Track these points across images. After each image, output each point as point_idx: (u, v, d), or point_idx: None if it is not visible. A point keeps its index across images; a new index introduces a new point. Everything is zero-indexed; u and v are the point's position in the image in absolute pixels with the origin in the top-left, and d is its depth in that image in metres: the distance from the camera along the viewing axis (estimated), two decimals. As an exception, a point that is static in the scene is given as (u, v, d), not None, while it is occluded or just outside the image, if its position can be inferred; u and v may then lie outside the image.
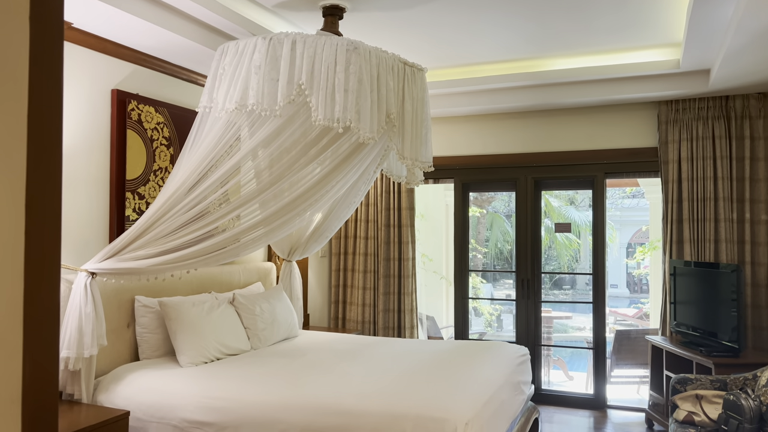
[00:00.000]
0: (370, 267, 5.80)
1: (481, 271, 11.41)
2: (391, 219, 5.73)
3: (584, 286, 15.94)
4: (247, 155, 3.45)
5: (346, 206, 4.51)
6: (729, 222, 4.69)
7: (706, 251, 4.74)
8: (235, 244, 3.51)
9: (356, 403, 2.81)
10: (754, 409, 3.02)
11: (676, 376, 3.65)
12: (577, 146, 5.27)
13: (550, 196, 12.65)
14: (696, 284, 4.46)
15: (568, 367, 7.18)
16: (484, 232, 12.59)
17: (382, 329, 5.69)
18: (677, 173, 4.86)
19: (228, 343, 3.69)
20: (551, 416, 4.99)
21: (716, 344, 4.14)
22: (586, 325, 10.73)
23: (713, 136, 4.75)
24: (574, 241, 12.75)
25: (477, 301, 9.56)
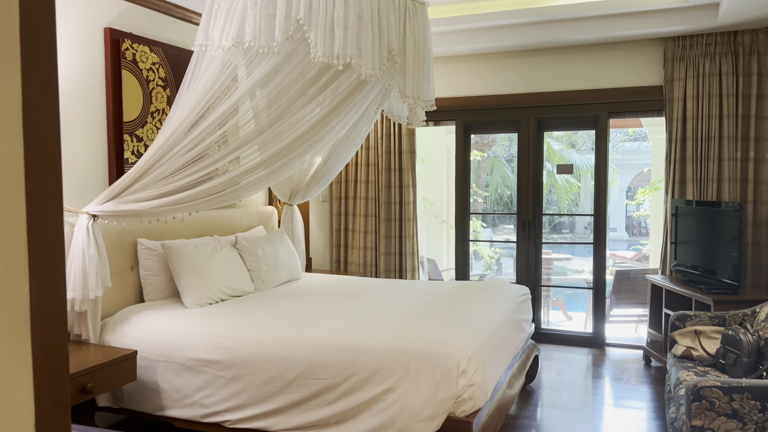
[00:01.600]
0: (371, 211, 5.79)
1: (482, 214, 11.43)
2: (391, 162, 5.69)
3: (583, 230, 16.02)
4: (245, 95, 3.39)
5: (346, 148, 4.46)
6: (733, 161, 4.65)
7: (708, 191, 4.72)
8: (235, 186, 3.49)
9: (361, 339, 2.85)
10: (753, 344, 3.06)
11: (675, 313, 3.69)
12: (580, 85, 5.18)
13: (551, 139, 12.54)
14: (697, 223, 4.46)
15: (567, 308, 7.29)
16: (485, 176, 12.55)
17: (384, 272, 5.73)
18: (682, 112, 4.79)
19: (232, 284, 3.71)
20: (550, 354, 5.09)
21: (716, 282, 4.17)
22: (585, 268, 10.85)
23: (720, 73, 4.65)
24: (574, 184, 12.72)
25: (477, 245, 9.62)
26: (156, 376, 3.06)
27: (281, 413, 2.86)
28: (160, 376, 3.05)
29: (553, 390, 4.22)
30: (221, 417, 2.96)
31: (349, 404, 2.75)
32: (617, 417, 3.76)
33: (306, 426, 2.83)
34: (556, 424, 3.64)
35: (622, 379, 4.46)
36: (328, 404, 2.79)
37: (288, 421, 2.85)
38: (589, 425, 3.63)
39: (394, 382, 2.68)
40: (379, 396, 2.70)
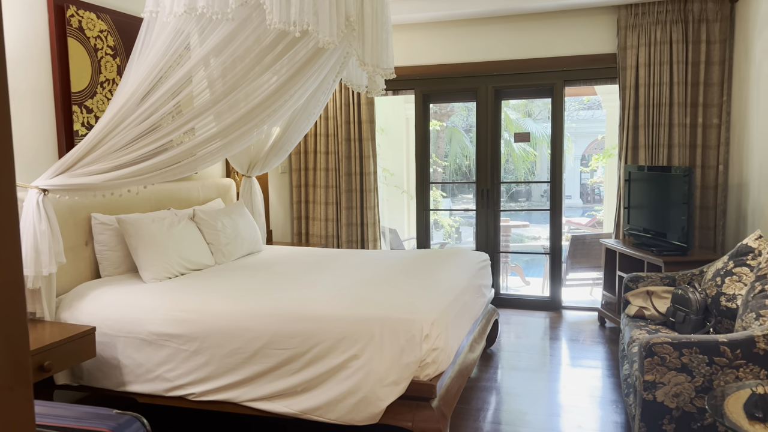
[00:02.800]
0: (331, 182, 5.76)
1: (441, 183, 11.51)
2: (351, 133, 5.65)
3: (539, 198, 16.34)
4: (199, 64, 3.29)
5: (305, 118, 4.41)
6: (682, 127, 4.79)
7: (659, 156, 4.87)
8: (191, 158, 3.41)
9: (325, 308, 2.86)
10: (700, 301, 3.21)
11: (628, 275, 3.82)
12: (537, 54, 5.22)
13: (508, 108, 12.66)
14: (649, 188, 4.60)
15: (525, 273, 7.46)
16: (444, 146, 12.61)
17: (346, 243, 5.74)
18: (635, 79, 4.89)
19: (191, 258, 3.66)
20: (509, 318, 5.22)
21: (666, 244, 4.33)
22: (542, 234, 11.09)
23: (671, 40, 4.76)
24: (531, 153, 12.91)
25: (437, 214, 9.71)
26: (116, 352, 3.01)
27: (246, 384, 2.86)
28: (120, 351, 3.00)
29: (512, 352, 4.34)
30: (185, 390, 2.94)
31: (314, 372, 2.76)
32: (574, 376, 3.90)
33: (272, 396, 2.84)
34: (516, 385, 3.75)
35: (578, 340, 4.62)
36: (293, 373, 2.80)
37: (253, 391, 2.86)
38: (546, 385, 3.76)
39: (359, 349, 2.71)
40: (345, 363, 2.73)
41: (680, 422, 2.48)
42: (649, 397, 2.52)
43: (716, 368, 2.42)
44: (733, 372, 2.40)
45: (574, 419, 3.27)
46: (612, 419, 3.26)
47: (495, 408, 3.45)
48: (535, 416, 3.31)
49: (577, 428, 3.16)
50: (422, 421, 2.67)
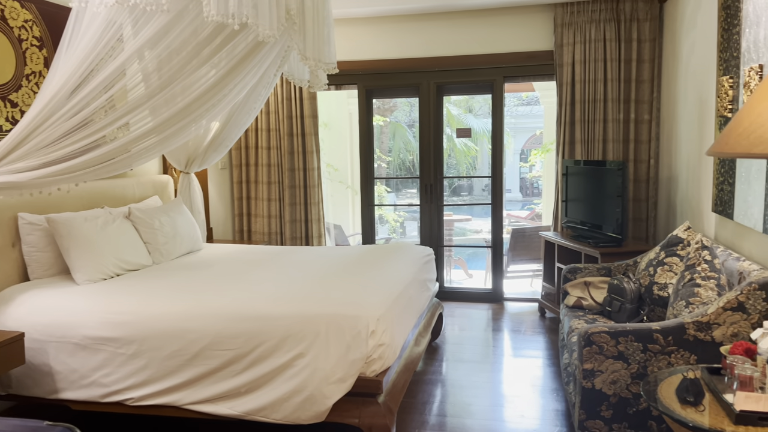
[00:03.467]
0: (274, 178, 5.67)
1: (385, 178, 11.54)
2: (294, 128, 5.58)
3: (481, 192, 16.64)
4: (132, 57, 3.16)
5: (245, 113, 4.32)
6: (616, 122, 4.97)
7: (595, 151, 5.03)
8: (125, 154, 3.29)
9: (269, 307, 2.81)
10: (635, 291, 3.34)
11: (567, 267, 3.94)
12: (477, 50, 5.29)
13: (449, 104, 12.80)
14: (585, 182, 4.75)
15: (468, 266, 7.59)
16: (387, 141, 12.64)
17: (290, 239, 5.67)
18: (571, 76, 5.03)
19: (127, 258, 3.52)
20: (453, 311, 5.29)
21: (602, 236, 4.48)
22: (483, 228, 11.30)
23: (604, 38, 4.91)
24: (472, 148, 13.11)
25: (382, 209, 9.73)
26: (48, 358, 2.87)
27: (187, 387, 2.79)
28: (52, 357, 2.86)
29: (456, 345, 4.41)
30: (123, 395, 2.83)
31: (258, 372, 2.72)
32: (516, 366, 3.99)
33: (214, 398, 2.77)
34: (461, 377, 3.81)
35: (519, 331, 4.73)
36: (237, 374, 2.74)
37: (195, 394, 2.79)
38: (490, 376, 3.83)
39: (304, 348, 2.68)
40: (290, 362, 2.69)
41: (617, 408, 2.57)
42: (588, 385, 2.60)
43: (650, 355, 2.52)
44: (665, 358, 2.51)
45: (517, 408, 3.34)
46: (553, 407, 3.35)
47: (440, 400, 3.49)
48: (479, 407, 3.37)
49: (520, 417, 3.24)
50: (369, 417, 2.67)
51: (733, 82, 3.04)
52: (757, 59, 2.72)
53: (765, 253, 2.74)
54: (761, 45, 2.67)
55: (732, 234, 3.20)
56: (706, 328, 2.47)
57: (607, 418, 2.59)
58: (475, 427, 3.12)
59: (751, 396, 1.71)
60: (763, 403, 1.70)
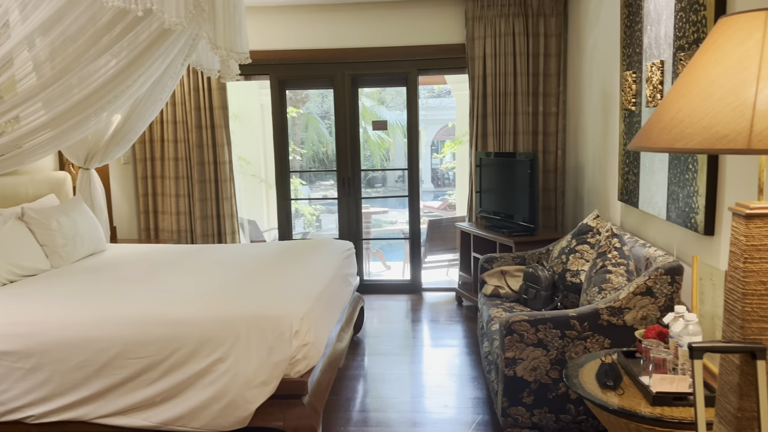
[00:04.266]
0: (182, 173, 5.41)
1: (300, 172, 11.37)
2: (202, 120, 5.34)
3: (394, 184, 16.80)
4: (21, 44, 2.89)
5: (150, 105, 4.08)
6: (526, 115, 5.13)
7: (506, 143, 5.17)
8: (16, 150, 3.02)
9: (183, 311, 2.67)
10: (549, 278, 3.45)
11: (483, 256, 4.02)
12: (391, 42, 5.28)
13: (363, 96, 12.79)
14: (498, 173, 4.88)
15: (386, 258, 7.62)
16: (300, 133, 12.45)
17: (201, 237, 5.44)
18: (483, 69, 5.13)
19: (21, 263, 3.23)
20: (372, 303, 5.28)
21: (515, 225, 4.62)
22: (399, 219, 11.40)
23: (513, 33, 5.04)
24: (386, 140, 13.19)
25: (297, 203, 9.58)
26: (-70, 379, 2.57)
27: (96, 400, 2.60)
28: (-65, 378, 2.57)
29: (377, 338, 4.40)
30: (22, 413, 2.60)
31: (175, 380, 2.57)
32: (436, 356, 4.04)
33: (127, 409, 2.60)
34: (383, 370, 3.80)
35: (438, 321, 4.79)
36: (151, 383, 2.59)
37: (105, 407, 2.60)
38: (411, 367, 3.85)
39: (224, 352, 2.56)
40: (209, 368, 2.57)
41: (538, 393, 2.65)
42: (510, 373, 2.66)
43: (568, 341, 2.61)
44: (582, 343, 2.61)
45: (439, 399, 3.38)
46: (474, 395, 3.41)
47: (363, 396, 3.47)
48: (401, 399, 3.37)
49: (442, 407, 3.27)
50: (294, 419, 2.60)
51: (636, 77, 3.20)
52: (659, 55, 2.86)
53: (668, 239, 2.90)
54: (662, 42, 2.82)
55: (637, 221, 3.38)
56: (618, 313, 2.59)
57: (528, 404, 2.66)
58: (399, 421, 3.12)
59: (666, 378, 1.80)
60: (677, 384, 1.79)
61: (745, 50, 1.19)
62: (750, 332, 1.31)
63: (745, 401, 1.32)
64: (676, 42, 2.65)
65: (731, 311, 1.36)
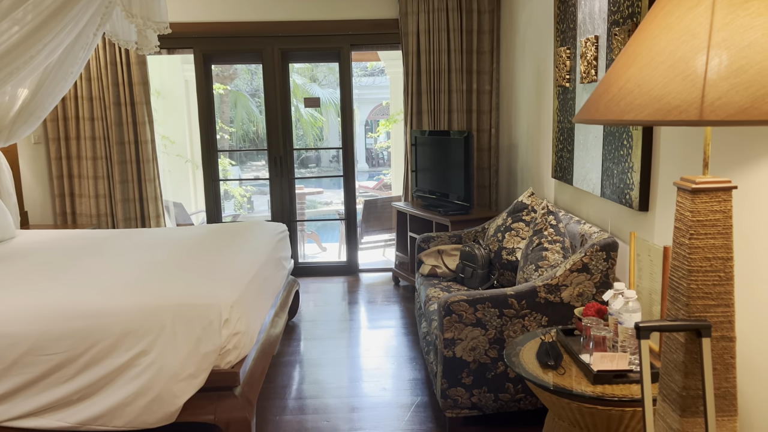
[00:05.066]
0: (100, 153, 5.07)
1: (229, 151, 10.98)
2: (121, 96, 5.00)
3: (329, 164, 16.59)
4: None
5: (60, 78, 3.75)
6: (460, 93, 5.08)
7: (441, 121, 5.12)
8: None
9: (103, 301, 2.46)
10: (485, 257, 3.44)
11: (420, 236, 3.97)
12: (322, 15, 5.09)
13: (294, 73, 12.47)
14: (433, 152, 4.82)
15: (321, 239, 7.48)
16: (229, 111, 12.01)
17: (123, 221, 5.13)
18: (416, 45, 5.03)
19: None
20: (308, 286, 5.16)
21: (451, 204, 4.59)
22: (334, 199, 11.26)
23: (447, 8, 4.97)
24: (319, 119, 12.94)
25: (227, 184, 9.25)
26: None
27: (4, 401, 2.37)
28: None
29: (313, 322, 4.29)
30: None
31: (93, 376, 2.38)
32: (373, 338, 3.97)
33: (40, 410, 2.39)
34: (319, 355, 3.70)
35: (375, 302, 4.73)
36: (67, 380, 2.38)
37: (15, 408, 2.38)
38: (348, 351, 3.77)
39: (147, 344, 2.39)
40: (131, 361, 2.39)
41: (477, 373, 2.62)
42: (449, 354, 2.61)
43: (506, 320, 2.59)
44: (520, 321, 2.59)
45: (377, 382, 3.32)
46: (412, 376, 3.37)
47: (300, 382, 3.36)
48: (339, 384, 3.29)
49: (381, 391, 3.21)
50: (226, 412, 2.46)
51: (571, 53, 3.19)
52: (593, 30, 2.85)
53: (603, 216, 2.93)
54: (596, 17, 2.81)
55: (571, 198, 3.40)
56: (555, 290, 2.59)
57: (468, 384, 2.63)
58: (336, 406, 3.04)
59: (606, 356, 1.79)
60: (617, 361, 1.78)
61: (695, 16, 1.14)
62: (695, 309, 1.29)
63: (690, 379, 1.30)
64: (611, 17, 2.64)
65: (676, 288, 1.33)
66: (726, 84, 1.07)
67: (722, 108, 1.06)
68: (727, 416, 1.31)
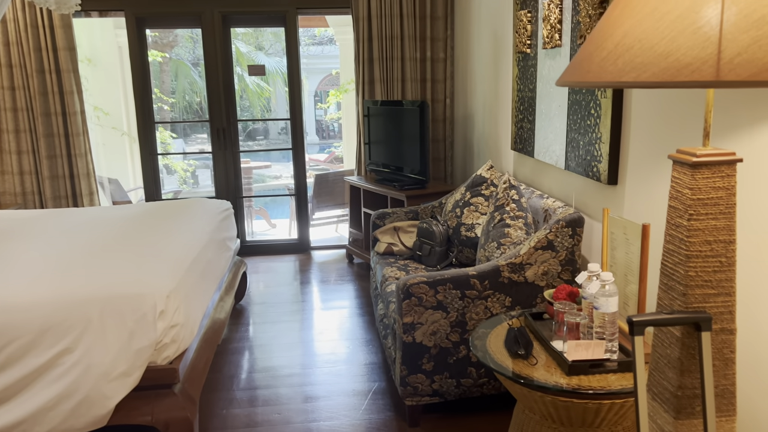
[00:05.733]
0: (23, 125, 4.63)
1: (170, 123, 10.44)
2: (45, 63, 4.55)
3: (277, 136, 16.11)
4: None
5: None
6: (413, 61, 4.86)
7: (394, 90, 4.89)
8: None
9: (20, 293, 2.17)
10: (443, 233, 3.27)
11: (375, 212, 3.77)
12: (266, -24, 4.75)
13: (238, 41, 11.93)
14: (386, 123, 4.60)
15: (271, 216, 7.19)
16: (169, 81, 11.40)
17: (52, 200, 4.73)
18: (367, 9, 4.76)
19: None
20: (257, 266, 4.91)
21: (406, 178, 4.40)
22: (283, 173, 10.92)
23: (400, -29, 4.71)
24: (265, 89, 12.46)
25: (168, 158, 8.79)
26: None
27: None
28: None
29: (263, 305, 4.06)
30: None
31: (9, 379, 2.11)
32: (327, 320, 3.78)
33: (-52, 418, 2.10)
34: (270, 340, 3.49)
35: (328, 281, 4.52)
36: (-22, 385, 2.10)
37: None
38: (301, 335, 3.57)
39: (72, 341, 2.12)
40: (53, 360, 2.13)
41: (438, 359, 2.47)
42: (408, 339, 2.45)
43: (468, 302, 2.43)
44: (482, 303, 2.44)
45: (332, 368, 3.13)
46: (369, 360, 3.20)
47: (248, 371, 3.14)
48: (291, 372, 3.09)
49: (336, 377, 3.03)
50: (164, 412, 2.23)
51: (532, 16, 3.00)
52: (557, -8, 2.67)
53: (566, 190, 2.79)
54: (561, -23, 2.62)
55: (532, 171, 3.26)
56: (519, 269, 2.44)
57: (428, 371, 2.48)
58: (289, 396, 2.85)
59: (581, 344, 1.64)
60: (593, 350, 1.64)
61: (707, -42, 0.95)
62: (693, 300, 1.14)
63: (687, 378, 1.15)
64: (577, -24, 2.46)
65: (671, 276, 1.18)
66: (747, 38, 0.89)
67: (743, 66, 0.88)
68: (726, 416, 1.17)
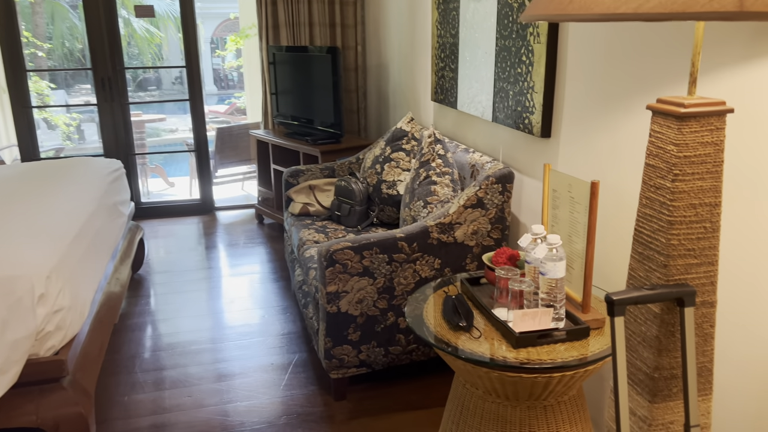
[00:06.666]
0: None
1: (48, 70, 9.37)
2: None
3: (171, 86, 15.04)
4: None
5: None
6: (321, 3, 4.51)
7: (301, 36, 4.53)
8: None
9: None
10: (363, 191, 3.07)
11: (288, 170, 3.49)
12: None
13: (123, -19, 10.80)
14: (294, 72, 4.26)
15: (168, 174, 6.65)
16: (44, 25, 10.18)
17: None
18: (270, -54, 4.33)
19: None
20: (156, 230, 4.50)
21: (319, 132, 4.12)
22: (179, 126, 10.21)
23: None
24: (156, 34, 11.45)
25: (48, 111, 7.89)
26: None
27: None
28: None
29: (165, 273, 3.71)
30: None
31: None
32: (238, 287, 3.51)
33: None
34: (175, 311, 3.18)
35: (237, 244, 4.22)
36: None
37: None
38: (209, 306, 3.28)
39: (-75, 337, 1.75)
40: None
41: (365, 327, 2.30)
42: (333, 309, 2.25)
43: (396, 266, 2.26)
44: (410, 266, 2.28)
45: (246, 341, 2.90)
46: (286, 330, 2.99)
47: (152, 349, 2.84)
48: (201, 347, 2.83)
49: (250, 351, 2.80)
50: (52, 409, 1.92)
51: (454, -45, 2.78)
52: (483, -73, 2.45)
53: (493, 143, 2.65)
54: None
55: (454, 124, 3.09)
56: (448, 230, 2.30)
57: (355, 341, 2.31)
58: (200, 375, 2.59)
59: (528, 313, 1.51)
60: (540, 319, 1.52)
61: None
62: (675, 271, 1.01)
63: (665, 358, 1.03)
64: None
65: (648, 245, 1.04)
66: (774, -42, 0.72)
67: (772, -6, 0.72)
68: (702, 395, 1.07)
